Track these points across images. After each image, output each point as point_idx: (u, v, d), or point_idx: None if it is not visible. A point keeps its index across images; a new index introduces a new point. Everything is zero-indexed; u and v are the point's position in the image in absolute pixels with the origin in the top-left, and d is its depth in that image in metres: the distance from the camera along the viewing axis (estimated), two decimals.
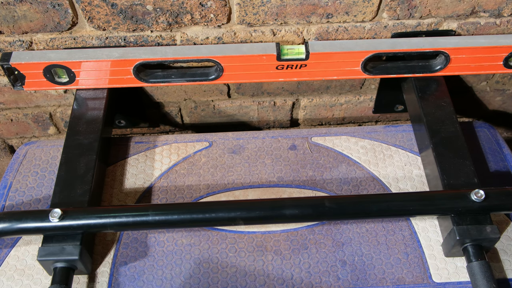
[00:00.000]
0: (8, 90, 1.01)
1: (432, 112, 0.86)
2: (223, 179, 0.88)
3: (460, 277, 0.76)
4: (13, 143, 1.18)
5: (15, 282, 0.76)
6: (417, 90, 0.90)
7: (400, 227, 0.81)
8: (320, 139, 0.93)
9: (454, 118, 0.86)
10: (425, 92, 0.89)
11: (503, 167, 0.89)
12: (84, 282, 0.76)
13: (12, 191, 0.86)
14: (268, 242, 0.80)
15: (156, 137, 0.94)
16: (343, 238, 0.80)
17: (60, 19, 0.87)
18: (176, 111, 1.10)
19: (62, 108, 1.07)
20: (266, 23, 0.90)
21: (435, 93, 0.89)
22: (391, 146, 0.92)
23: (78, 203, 0.77)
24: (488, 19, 0.93)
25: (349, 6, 0.88)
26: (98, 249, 0.79)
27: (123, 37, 0.91)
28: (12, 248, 0.79)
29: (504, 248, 0.78)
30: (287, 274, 0.76)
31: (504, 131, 1.26)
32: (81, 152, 0.83)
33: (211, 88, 1.04)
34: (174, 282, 0.76)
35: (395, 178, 0.87)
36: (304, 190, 0.86)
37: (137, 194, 0.86)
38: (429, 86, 0.90)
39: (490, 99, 1.13)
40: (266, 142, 0.93)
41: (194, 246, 0.79)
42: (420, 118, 0.87)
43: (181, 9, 0.87)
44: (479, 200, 0.72)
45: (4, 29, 0.88)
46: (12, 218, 0.72)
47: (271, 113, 1.12)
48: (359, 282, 0.75)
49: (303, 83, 1.04)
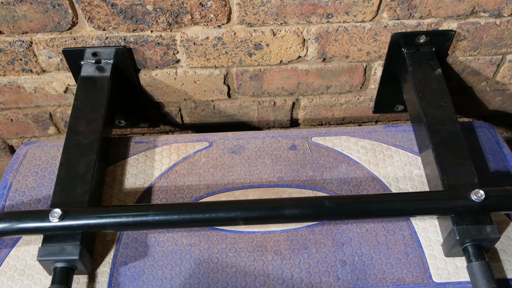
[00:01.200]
0: (8, 90, 1.01)
1: (432, 112, 0.86)
2: (223, 179, 0.87)
3: (460, 277, 0.76)
4: (13, 143, 1.18)
5: (15, 282, 0.76)
6: (417, 90, 0.90)
7: (400, 227, 0.81)
8: (320, 139, 0.93)
9: (454, 118, 0.86)
10: (425, 92, 0.89)
11: (503, 167, 0.88)
12: (84, 282, 0.76)
13: (12, 191, 0.86)
14: (268, 242, 0.79)
15: (156, 137, 0.94)
16: (343, 238, 0.80)
17: (60, 19, 0.87)
18: (176, 111, 1.10)
19: (62, 108, 1.07)
20: (266, 23, 0.90)
21: (435, 93, 0.89)
22: (391, 146, 0.92)
23: (78, 203, 0.77)
24: (488, 19, 0.93)
25: (349, 6, 0.88)
26: (98, 249, 0.79)
27: (123, 37, 0.91)
28: (12, 248, 0.79)
29: (504, 248, 0.78)
30: (287, 274, 0.76)
31: (504, 131, 1.26)
32: (81, 152, 0.83)
33: (211, 88, 1.04)
34: (174, 282, 0.76)
35: (395, 178, 0.87)
36: (304, 190, 0.86)
37: (137, 194, 0.86)
38: (429, 86, 0.90)
39: (490, 99, 1.13)
40: (266, 142, 0.93)
41: (194, 246, 0.79)
42: (420, 118, 0.87)
43: (181, 9, 0.87)
44: (479, 200, 0.72)
45: (4, 29, 0.88)
46: (12, 218, 0.72)
47: (271, 113, 1.12)
48: (359, 282, 0.75)
49: (303, 83, 1.04)
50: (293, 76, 1.02)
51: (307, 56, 0.97)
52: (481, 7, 0.90)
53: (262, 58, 0.97)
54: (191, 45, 0.93)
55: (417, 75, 0.91)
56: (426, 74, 0.92)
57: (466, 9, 0.90)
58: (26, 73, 0.97)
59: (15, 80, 0.99)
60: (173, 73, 0.99)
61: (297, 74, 1.01)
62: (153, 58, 0.96)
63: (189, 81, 1.01)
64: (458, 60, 1.01)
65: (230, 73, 1.00)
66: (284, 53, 0.96)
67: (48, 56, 0.94)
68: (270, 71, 1.01)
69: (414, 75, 0.91)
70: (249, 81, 1.02)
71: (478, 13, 0.91)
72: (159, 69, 0.99)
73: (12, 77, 0.98)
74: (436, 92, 0.89)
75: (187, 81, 1.01)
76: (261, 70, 1.00)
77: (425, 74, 0.92)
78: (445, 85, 0.90)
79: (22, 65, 0.95)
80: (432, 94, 0.89)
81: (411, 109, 0.94)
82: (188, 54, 0.95)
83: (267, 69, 1.00)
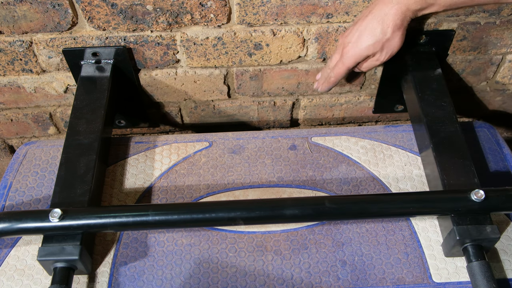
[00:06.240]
0: (8, 90, 1.01)
1: (432, 112, 0.86)
2: (223, 179, 0.87)
3: (460, 277, 0.76)
4: (13, 143, 1.18)
5: (15, 282, 0.76)
6: (417, 90, 0.90)
7: (400, 227, 0.81)
8: (320, 139, 0.93)
9: (454, 118, 0.86)
10: (425, 92, 0.89)
11: (503, 167, 0.88)
12: (84, 282, 0.76)
13: (12, 191, 0.86)
14: (268, 242, 0.79)
15: (156, 137, 0.94)
16: (343, 238, 0.80)
17: (60, 19, 0.87)
18: (176, 111, 1.10)
19: (62, 108, 1.07)
20: (266, 23, 0.90)
21: (435, 93, 0.89)
22: (391, 146, 0.92)
23: (78, 203, 0.76)
24: (488, 19, 0.93)
25: (349, 6, 0.88)
26: (98, 249, 0.79)
27: (123, 37, 0.91)
28: (12, 248, 0.79)
29: (504, 248, 0.78)
30: (287, 274, 0.76)
31: (504, 131, 1.26)
32: (81, 152, 0.83)
33: (211, 88, 1.04)
34: (174, 282, 0.76)
35: (395, 178, 0.87)
36: (304, 190, 0.86)
37: (137, 194, 0.86)
38: (429, 86, 0.90)
39: (490, 99, 1.13)
40: (266, 142, 0.93)
41: (194, 246, 0.79)
42: (420, 118, 0.87)
43: (181, 9, 0.87)
44: (479, 200, 0.72)
45: (4, 29, 0.88)
46: (12, 218, 0.72)
47: (271, 113, 1.12)
48: (359, 282, 0.75)
49: (303, 83, 1.04)
50: (293, 76, 1.02)
51: (307, 56, 0.97)
52: (481, 7, 0.90)
53: (262, 58, 0.97)
54: (191, 45, 0.93)
55: (417, 75, 0.91)
56: (426, 74, 0.92)
57: (466, 9, 0.90)
58: (26, 73, 0.97)
59: (15, 80, 0.99)
60: (173, 73, 0.99)
61: (297, 74, 1.01)
62: (153, 58, 0.96)
63: (189, 81, 1.01)
64: (458, 60, 1.01)
65: (230, 73, 1.00)
66: (284, 53, 0.96)
67: (48, 56, 0.94)
68: (270, 71, 1.01)
69: (414, 75, 0.91)
70: (249, 81, 1.02)
71: (478, 13, 0.91)
72: (159, 69, 0.99)
73: (12, 77, 0.98)
74: (436, 92, 0.89)
75: (187, 81, 1.01)
76: (261, 70, 1.00)
77: (425, 74, 0.92)
78: (445, 85, 0.90)
79: (22, 65, 0.95)
80: (432, 94, 0.89)
81: (411, 109, 0.94)
82: (188, 54, 0.95)
83: (267, 69, 1.00)
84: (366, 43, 0.81)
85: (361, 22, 0.81)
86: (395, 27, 0.79)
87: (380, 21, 0.79)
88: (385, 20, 0.79)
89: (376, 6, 0.80)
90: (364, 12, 0.83)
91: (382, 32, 0.80)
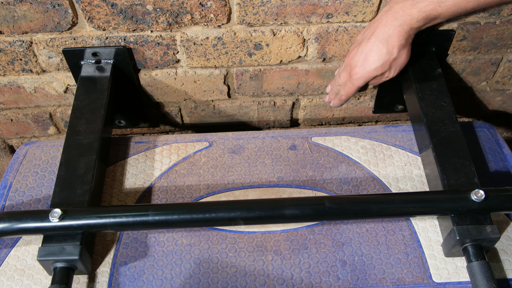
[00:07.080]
0: (8, 90, 1.01)
1: (432, 112, 0.86)
2: (223, 179, 0.88)
3: (460, 277, 0.76)
4: (13, 143, 1.18)
5: (15, 282, 0.76)
6: (417, 90, 0.90)
7: (400, 227, 0.81)
8: (320, 139, 0.93)
9: (454, 118, 0.86)
10: (425, 92, 0.89)
11: (503, 167, 0.88)
12: (84, 282, 0.76)
13: (12, 191, 0.86)
14: (268, 242, 0.80)
15: (156, 137, 0.94)
16: (343, 238, 0.80)
17: (60, 19, 0.87)
18: (176, 111, 1.10)
19: (62, 108, 1.07)
20: (266, 23, 0.90)
21: (435, 93, 0.89)
22: (391, 146, 0.92)
23: (78, 203, 0.76)
24: (488, 19, 0.93)
25: (349, 6, 0.88)
26: (98, 249, 0.79)
27: (123, 37, 0.91)
28: (12, 248, 0.79)
29: (504, 248, 0.78)
30: (287, 274, 0.76)
31: (504, 131, 1.26)
32: (81, 152, 0.83)
33: (211, 88, 1.04)
34: (174, 282, 0.76)
35: (395, 178, 0.87)
36: (304, 190, 0.86)
37: (137, 194, 0.86)
38: (429, 86, 0.90)
39: (490, 99, 1.13)
40: (266, 142, 0.93)
41: (194, 246, 0.79)
42: (420, 118, 0.87)
43: (181, 9, 0.87)
44: (479, 200, 0.72)
45: (4, 29, 0.88)
46: (12, 218, 0.72)
47: (271, 113, 1.12)
48: (359, 282, 0.75)
49: (303, 83, 1.04)
50: (293, 76, 1.02)
51: (307, 56, 0.97)
52: None
53: (262, 58, 0.97)
54: (191, 45, 0.93)
55: (417, 75, 0.91)
56: (426, 74, 0.92)
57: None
58: (26, 73, 0.97)
59: (15, 80, 0.99)
60: (173, 73, 0.99)
61: (297, 74, 1.02)
62: (153, 58, 0.96)
63: (189, 81, 1.02)
64: (458, 60, 1.01)
65: (230, 73, 1.01)
66: (284, 53, 0.96)
67: (48, 56, 0.94)
68: (270, 71, 1.01)
69: (414, 75, 0.91)
70: (249, 81, 1.02)
71: (478, 13, 0.91)
72: (159, 69, 0.99)
73: (12, 77, 0.98)
74: (436, 92, 0.89)
75: (187, 81, 1.01)
76: (261, 70, 1.00)
77: (425, 74, 0.92)
78: (445, 85, 0.90)
79: (22, 65, 0.95)
80: (432, 94, 0.89)
81: (411, 109, 0.94)
82: (188, 54, 0.95)
83: (267, 69, 1.00)
84: (374, 65, 0.81)
85: (365, 44, 0.81)
86: (400, 46, 0.80)
87: (385, 43, 0.79)
88: (390, 41, 0.79)
89: (377, 28, 0.80)
90: (366, 33, 0.83)
91: (388, 53, 0.80)
